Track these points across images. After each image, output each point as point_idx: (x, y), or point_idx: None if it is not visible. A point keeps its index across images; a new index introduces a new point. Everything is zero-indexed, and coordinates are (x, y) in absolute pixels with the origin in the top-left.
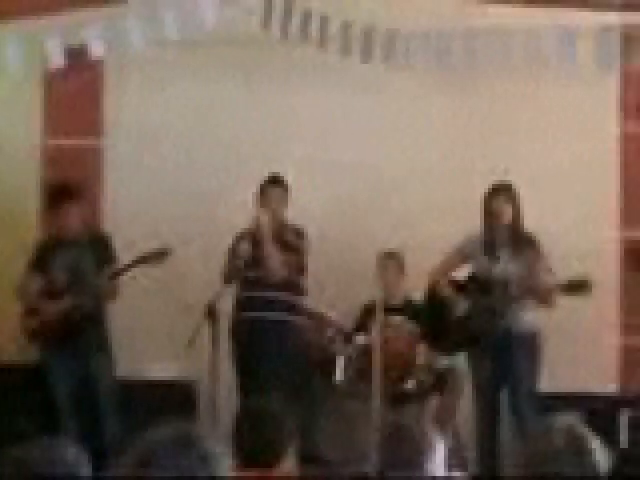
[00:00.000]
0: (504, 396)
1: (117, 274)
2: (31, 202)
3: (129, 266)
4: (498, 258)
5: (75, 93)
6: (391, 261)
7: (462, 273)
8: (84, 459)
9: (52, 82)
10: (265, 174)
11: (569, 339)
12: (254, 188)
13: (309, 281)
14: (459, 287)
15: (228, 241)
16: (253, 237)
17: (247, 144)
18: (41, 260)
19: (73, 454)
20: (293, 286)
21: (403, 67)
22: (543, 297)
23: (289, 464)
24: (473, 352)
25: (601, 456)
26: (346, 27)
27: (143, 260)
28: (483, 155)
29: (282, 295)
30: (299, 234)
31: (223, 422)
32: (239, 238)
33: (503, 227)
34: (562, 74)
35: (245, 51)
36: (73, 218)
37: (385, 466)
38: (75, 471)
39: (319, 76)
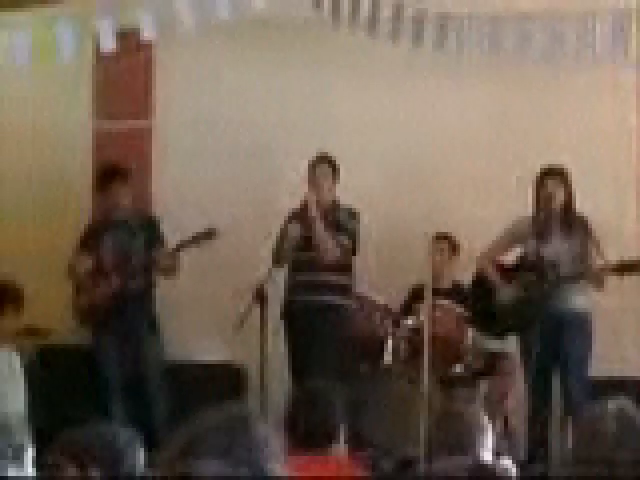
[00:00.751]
0: (556, 380)
1: (175, 251)
2: (83, 184)
3: (178, 247)
4: (549, 240)
5: (126, 76)
6: (443, 243)
7: (511, 257)
8: (137, 442)
9: (103, 64)
10: (315, 154)
11: (620, 324)
12: (303, 170)
13: (359, 263)
14: (508, 271)
15: (278, 223)
16: (303, 218)
17: (296, 127)
18: (91, 240)
19: (127, 437)
20: (344, 268)
21: (451, 52)
22: (595, 278)
23: (341, 447)
24: (524, 335)
25: None
26: (398, 10)
27: (191, 241)
28: (527, 139)
29: (333, 277)
30: (351, 214)
31: (272, 405)
32: (289, 219)
33: (555, 210)
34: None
35: (295, 34)
36: (123, 199)
37: (434, 450)
38: (129, 454)
39: (367, 61)
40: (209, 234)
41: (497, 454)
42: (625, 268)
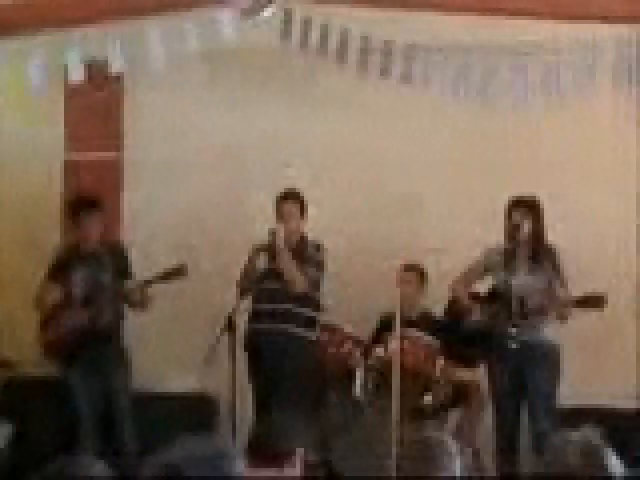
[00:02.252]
0: (523, 410)
1: (145, 285)
2: (52, 214)
3: (148, 282)
4: (517, 272)
5: (95, 107)
6: (412, 273)
7: (483, 286)
8: (107, 474)
9: (73, 96)
10: (282, 188)
11: (588, 353)
12: (272, 202)
13: (327, 294)
14: (480, 300)
15: (246, 254)
16: (270, 250)
17: (265, 158)
18: (60, 271)
19: (97, 470)
20: (310, 299)
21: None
22: (559, 311)
23: (295, 465)
24: (491, 366)
25: (617, 470)
26: (366, 41)
27: (161, 277)
28: (505, 165)
29: (299, 308)
30: (318, 248)
31: (242, 434)
32: (256, 251)
33: (523, 240)
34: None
35: (264, 64)
36: (93, 230)
37: (402, 479)
38: None
39: (337, 89)
40: (179, 270)
41: None
42: (587, 302)
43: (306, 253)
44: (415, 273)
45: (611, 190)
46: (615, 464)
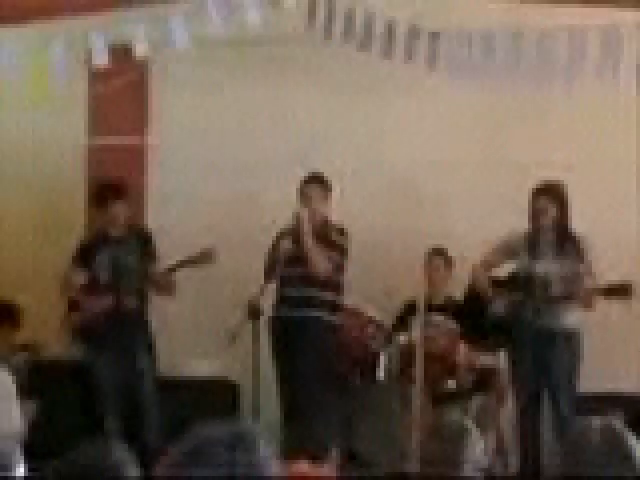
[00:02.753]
0: (545, 396)
1: (171, 271)
2: (78, 200)
3: (176, 267)
4: (541, 257)
5: (120, 92)
6: (438, 258)
7: (504, 271)
8: (132, 460)
9: (97, 81)
10: (307, 172)
11: (612, 339)
12: (297, 186)
13: (352, 278)
14: (500, 284)
15: (270, 239)
16: (294, 234)
17: (291, 143)
18: (86, 256)
19: (121, 455)
20: (334, 284)
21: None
22: (583, 300)
23: (332, 461)
24: (514, 352)
25: None
26: (390, 27)
27: (188, 262)
28: (523, 150)
29: (323, 293)
30: (342, 232)
31: (265, 419)
32: (280, 236)
33: (547, 226)
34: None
35: (290, 50)
36: (118, 215)
37: (424, 464)
38: (123, 472)
39: (360, 77)
40: (206, 256)
41: (490, 468)
42: (615, 292)
43: (330, 237)
44: (442, 258)
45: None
46: (638, 449)
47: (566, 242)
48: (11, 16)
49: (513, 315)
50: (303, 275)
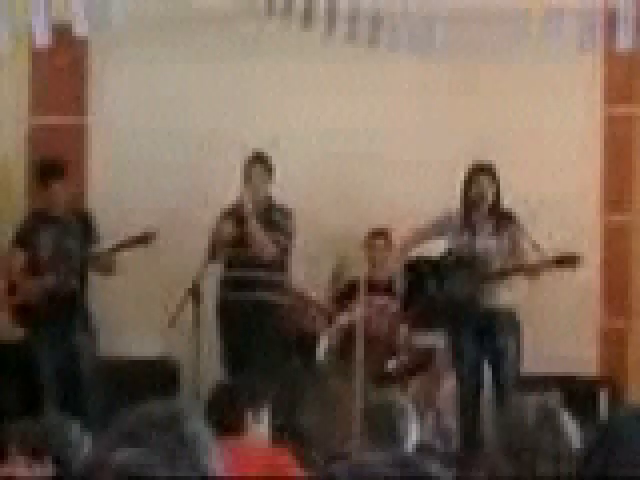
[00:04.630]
0: (486, 374)
1: (113, 251)
2: (18, 179)
3: (116, 248)
4: (478, 235)
5: (61, 72)
6: (380, 238)
7: (437, 249)
8: (85, 433)
9: (38, 60)
10: (250, 152)
11: (551, 321)
12: (239, 165)
13: (294, 260)
14: (433, 264)
15: (212, 220)
16: (237, 215)
17: (233, 123)
18: (25, 236)
19: (76, 427)
20: (278, 265)
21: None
22: (530, 272)
23: (260, 433)
24: (454, 330)
25: (573, 432)
26: (332, 6)
27: (129, 243)
28: (471, 136)
29: (267, 275)
30: (285, 213)
31: (204, 399)
32: (223, 216)
33: (483, 205)
34: (548, 54)
35: (230, 28)
36: (60, 195)
37: (363, 442)
38: (81, 443)
39: (306, 55)
40: (147, 237)
41: (430, 448)
42: (563, 262)
43: (274, 218)
44: (383, 238)
45: (572, 154)
46: (571, 428)
47: (503, 218)
48: None
49: (451, 294)
50: (247, 257)
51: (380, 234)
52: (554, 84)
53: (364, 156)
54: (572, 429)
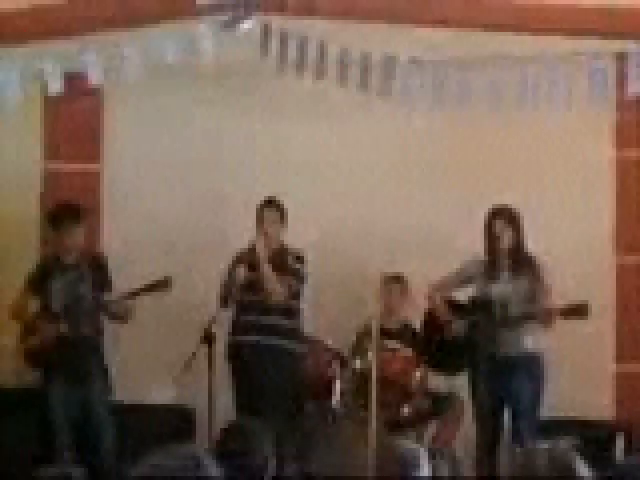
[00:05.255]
0: (505, 420)
1: (127, 298)
2: (32, 225)
3: (131, 294)
4: (498, 280)
5: (75, 118)
6: (395, 284)
7: (463, 295)
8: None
9: (51, 108)
10: (262, 198)
11: (566, 366)
12: (251, 213)
13: (307, 305)
14: (458, 308)
15: (225, 265)
16: (250, 260)
17: (244, 171)
18: (39, 282)
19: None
20: (291, 311)
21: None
22: (542, 319)
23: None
24: (473, 375)
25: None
26: (344, 55)
27: (145, 289)
28: (478, 181)
29: (280, 320)
30: (298, 258)
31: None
32: (236, 262)
33: (503, 250)
34: (556, 102)
35: (243, 79)
36: (75, 240)
37: None
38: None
39: (314, 106)
40: (163, 283)
41: None
42: (572, 312)
43: (286, 263)
44: (397, 283)
45: (585, 197)
46: (584, 472)
47: (522, 264)
48: None
49: (471, 338)
50: (260, 302)
51: (394, 279)
52: (565, 129)
53: (379, 205)
54: (586, 476)
